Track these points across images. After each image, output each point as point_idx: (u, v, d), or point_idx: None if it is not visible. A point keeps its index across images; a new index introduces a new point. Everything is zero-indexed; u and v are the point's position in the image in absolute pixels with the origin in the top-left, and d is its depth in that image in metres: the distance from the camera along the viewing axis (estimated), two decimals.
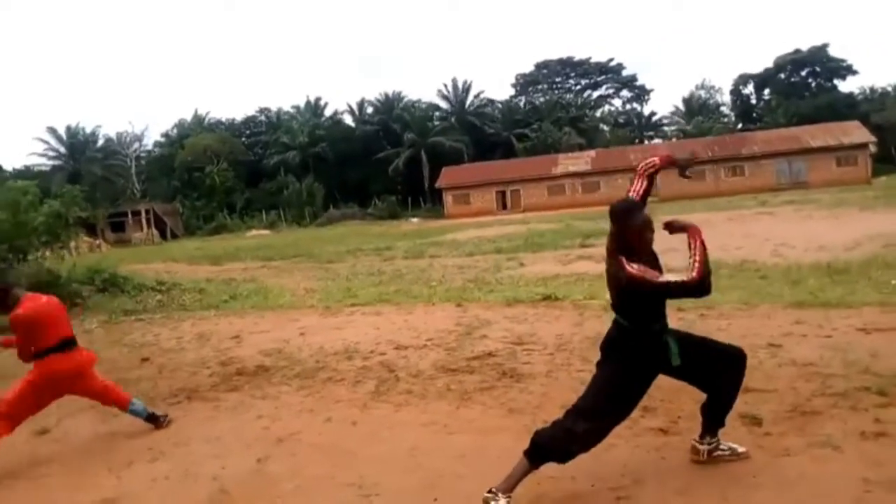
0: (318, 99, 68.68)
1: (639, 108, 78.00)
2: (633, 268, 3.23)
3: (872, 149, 47.73)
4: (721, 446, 3.65)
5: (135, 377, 6.75)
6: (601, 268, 11.90)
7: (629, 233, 3.36)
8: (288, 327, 8.84)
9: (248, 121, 73.38)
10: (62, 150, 64.89)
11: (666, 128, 74.47)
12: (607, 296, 9.03)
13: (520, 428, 4.39)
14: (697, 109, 69.39)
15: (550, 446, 3.30)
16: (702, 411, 3.63)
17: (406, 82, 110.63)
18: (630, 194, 3.63)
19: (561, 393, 5.02)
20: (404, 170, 59.70)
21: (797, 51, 65.30)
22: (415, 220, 50.03)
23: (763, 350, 5.59)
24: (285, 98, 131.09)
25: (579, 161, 51.84)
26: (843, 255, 11.03)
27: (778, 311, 7.14)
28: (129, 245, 44.21)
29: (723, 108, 72.50)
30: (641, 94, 77.96)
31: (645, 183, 3.66)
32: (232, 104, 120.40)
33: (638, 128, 75.00)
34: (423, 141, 59.93)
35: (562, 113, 63.95)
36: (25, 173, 52.38)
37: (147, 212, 51.44)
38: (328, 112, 68.89)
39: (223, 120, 72.61)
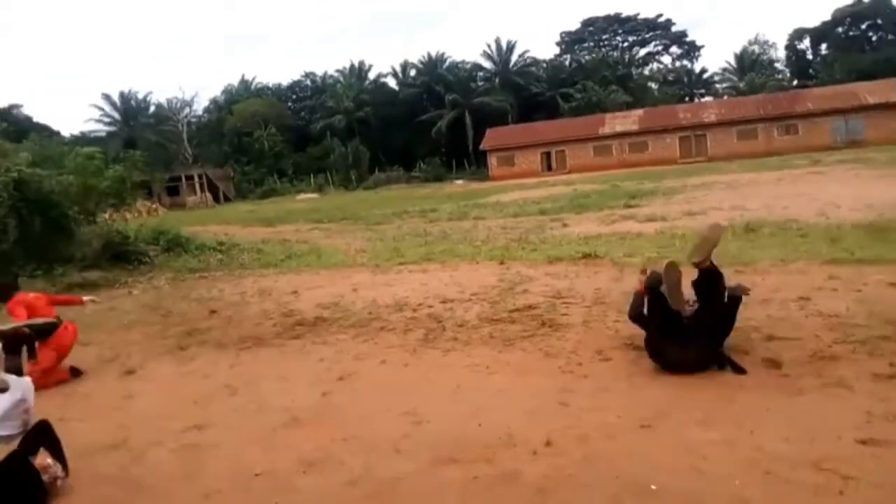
0: (361, 62, 68.83)
1: (689, 66, 75.66)
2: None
3: None
4: None
5: (206, 327, 7.42)
6: (643, 227, 12.24)
7: None
8: (341, 283, 9.41)
9: (294, 85, 74.06)
10: (116, 116, 66.81)
11: (717, 85, 72.11)
12: (647, 253, 9.39)
13: (554, 369, 4.83)
14: (750, 66, 66.87)
15: None
16: None
17: (450, 43, 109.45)
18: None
19: (595, 340, 5.43)
20: (448, 132, 59.69)
21: (858, 2, 62.08)
22: (459, 182, 50.23)
23: (793, 303, 5.87)
24: (330, 62, 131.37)
25: (626, 120, 50.93)
26: (888, 214, 10.97)
27: (813, 267, 7.34)
28: (184, 208, 45.77)
29: (777, 65, 69.72)
30: (691, 50, 75.51)
31: None
32: (278, 69, 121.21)
33: (688, 85, 72.84)
34: (466, 102, 59.70)
35: (608, 71, 62.61)
36: (82, 139, 54.18)
37: (200, 176, 52.95)
38: (372, 75, 69.07)
39: (270, 85, 73.49)
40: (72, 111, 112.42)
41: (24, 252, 11.89)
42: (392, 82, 68.82)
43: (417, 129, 60.79)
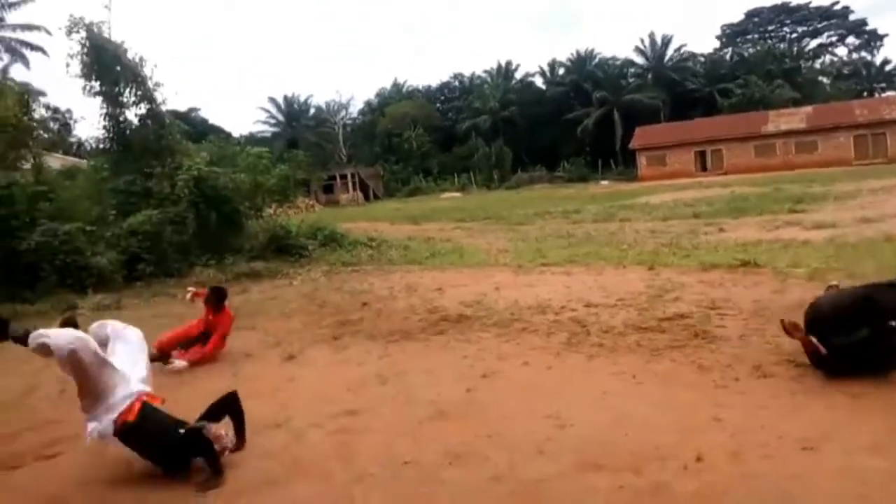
0: (508, 62, 69.06)
1: (868, 57, 68.34)
2: None
3: None
4: None
5: (358, 318, 7.85)
6: (810, 235, 11.31)
7: None
8: (484, 282, 9.55)
9: (443, 87, 75.83)
10: (281, 118, 72.18)
11: None
12: (814, 263, 8.70)
13: (708, 383, 4.60)
14: None
15: None
16: None
17: (601, 40, 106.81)
18: None
19: (754, 355, 5.11)
20: (595, 130, 58.35)
21: None
22: (605, 182, 49.00)
23: None
24: (478, 63, 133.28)
25: (793, 118, 46.98)
26: None
27: None
28: (338, 205, 48.48)
29: None
30: (872, 40, 68.10)
31: None
32: (428, 71, 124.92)
33: (866, 79, 65.89)
34: (615, 99, 58.06)
35: (773, 65, 58.10)
36: (250, 139, 58.78)
37: (353, 175, 55.91)
38: (519, 75, 69.15)
39: (420, 87, 75.82)
40: (241, 113, 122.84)
41: (200, 243, 13.21)
42: (539, 81, 68.55)
43: (563, 127, 60.03)
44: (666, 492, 3.15)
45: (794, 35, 69.66)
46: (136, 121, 14.48)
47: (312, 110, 73.14)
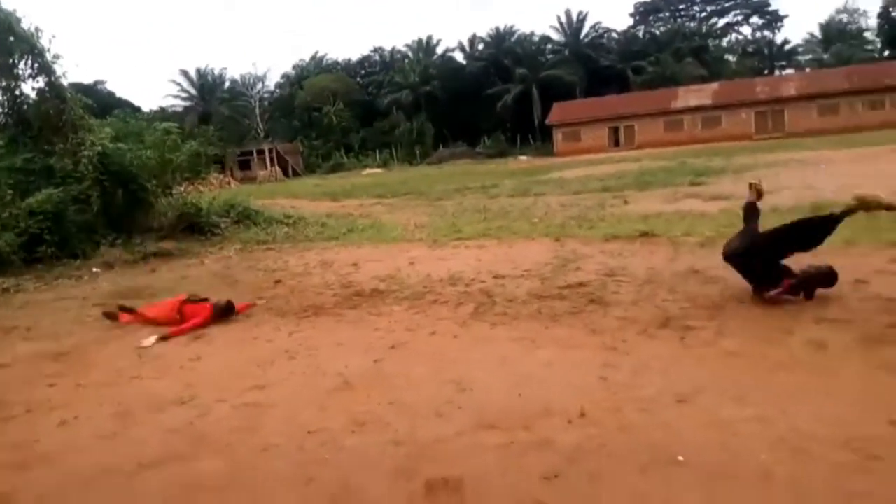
0: (429, 37, 68.92)
1: (770, 36, 72.14)
2: None
3: None
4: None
5: (270, 295, 7.84)
6: (706, 207, 12.00)
7: None
8: (399, 257, 9.69)
9: (363, 61, 74.85)
10: (193, 91, 69.44)
11: (800, 57, 68.63)
12: (706, 231, 9.27)
13: (598, 345, 4.94)
14: (837, 36, 63.22)
15: None
16: None
17: (520, 16, 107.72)
18: None
19: (643, 318, 5.49)
20: (514, 106, 59.21)
21: None
22: (524, 158, 49.91)
23: (848, 285, 5.75)
24: (399, 37, 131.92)
25: (700, 94, 49.21)
26: None
27: (877, 250, 7.12)
28: (255, 182, 47.27)
29: (867, 34, 65.55)
30: (773, 20, 71.86)
31: None
32: (348, 44, 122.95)
33: (768, 58, 69.60)
34: (534, 76, 58.98)
35: (683, 43, 60.50)
36: (161, 114, 56.26)
37: (270, 151, 54.58)
38: (440, 50, 69.10)
39: (339, 61, 74.52)
40: (151, 86, 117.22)
41: (106, 222, 12.71)
42: (459, 56, 68.74)
43: (484, 103, 60.58)
44: (549, 445, 3.42)
45: (704, 14, 72.54)
46: (33, 95, 13.65)
47: (227, 83, 70.76)
